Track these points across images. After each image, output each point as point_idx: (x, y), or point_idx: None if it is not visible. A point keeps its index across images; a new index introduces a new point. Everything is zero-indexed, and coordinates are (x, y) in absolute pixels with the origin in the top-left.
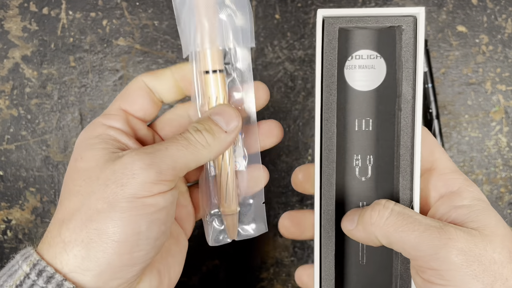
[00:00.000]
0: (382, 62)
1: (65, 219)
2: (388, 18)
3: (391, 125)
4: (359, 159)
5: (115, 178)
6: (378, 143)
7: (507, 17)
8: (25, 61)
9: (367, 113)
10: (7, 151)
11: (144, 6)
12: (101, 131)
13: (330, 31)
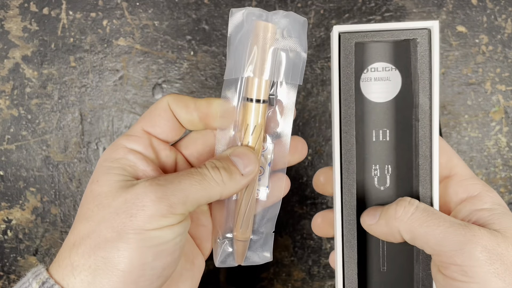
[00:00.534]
0: (397, 74)
1: (75, 242)
2: (402, 32)
3: (409, 135)
4: (378, 169)
5: (125, 207)
6: (396, 153)
7: (506, 17)
8: (25, 61)
9: (384, 124)
10: (7, 151)
11: (145, 6)
12: (121, 154)
13: (347, 46)
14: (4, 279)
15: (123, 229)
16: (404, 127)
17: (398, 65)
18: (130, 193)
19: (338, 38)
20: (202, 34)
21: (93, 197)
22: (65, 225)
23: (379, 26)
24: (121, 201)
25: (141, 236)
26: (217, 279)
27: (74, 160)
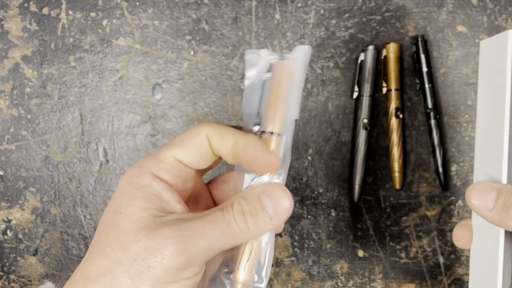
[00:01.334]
0: None
1: (90, 278)
2: None
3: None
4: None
5: (144, 255)
6: None
7: (507, 17)
8: (25, 61)
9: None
10: (7, 151)
11: (144, 6)
12: (146, 181)
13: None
14: (4, 279)
15: (139, 278)
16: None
17: None
18: (151, 239)
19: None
20: (202, 34)
21: (115, 230)
22: (65, 225)
23: None
24: (141, 247)
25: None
26: None
27: (74, 160)
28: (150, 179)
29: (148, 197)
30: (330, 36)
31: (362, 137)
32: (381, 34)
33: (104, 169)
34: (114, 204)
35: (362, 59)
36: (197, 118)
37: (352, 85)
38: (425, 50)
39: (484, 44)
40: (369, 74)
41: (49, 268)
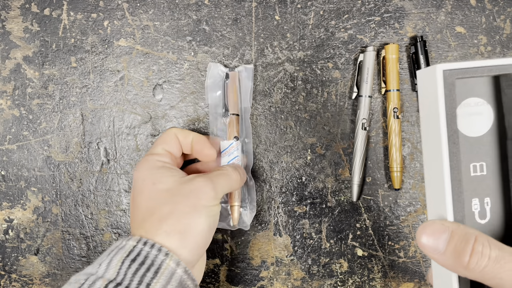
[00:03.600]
0: (489, 108)
1: (162, 218)
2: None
3: (505, 167)
4: (477, 203)
5: (194, 194)
6: (494, 186)
7: (505, 18)
8: (26, 62)
9: (480, 157)
10: (8, 151)
11: (145, 7)
12: (160, 165)
13: (448, 83)
14: (5, 278)
15: (196, 206)
16: (500, 160)
17: (489, 100)
18: (194, 184)
19: (442, 76)
20: (202, 35)
21: (162, 192)
22: (66, 225)
23: (481, 63)
24: (188, 190)
25: (207, 210)
26: (218, 278)
27: (75, 160)
28: (162, 163)
29: (170, 170)
30: (330, 37)
31: (361, 137)
32: (380, 35)
33: (105, 169)
34: (149, 181)
35: (361, 59)
36: (197, 118)
37: (351, 85)
38: (424, 50)
39: (420, 75)
40: (368, 74)
41: (50, 268)
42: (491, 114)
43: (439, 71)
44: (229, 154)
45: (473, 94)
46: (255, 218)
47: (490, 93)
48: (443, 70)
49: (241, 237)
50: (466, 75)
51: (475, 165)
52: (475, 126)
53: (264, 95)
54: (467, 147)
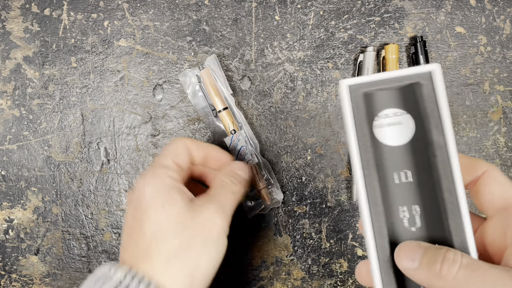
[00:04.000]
0: (408, 117)
1: (170, 256)
2: (406, 77)
3: (430, 173)
4: (405, 210)
5: (205, 227)
6: (421, 192)
7: (505, 18)
8: (27, 62)
9: (404, 165)
10: (9, 151)
11: (145, 8)
12: (171, 183)
13: (355, 96)
14: (5, 278)
15: (207, 241)
16: (425, 166)
17: (408, 109)
18: (205, 214)
19: (348, 91)
20: (202, 35)
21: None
22: (66, 225)
23: (385, 75)
24: (199, 222)
25: (218, 243)
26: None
27: (76, 160)
28: (170, 180)
29: (179, 190)
30: (330, 37)
31: None
32: (380, 35)
33: (105, 169)
34: (156, 201)
35: (361, 60)
36: (197, 118)
37: None
38: (423, 51)
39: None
40: (368, 75)
41: (50, 268)
42: (411, 123)
43: (345, 87)
44: (235, 147)
45: (391, 105)
46: (255, 218)
47: (407, 103)
48: (349, 86)
49: (241, 237)
50: (373, 88)
51: (400, 173)
52: (396, 135)
53: (264, 95)
54: (390, 157)
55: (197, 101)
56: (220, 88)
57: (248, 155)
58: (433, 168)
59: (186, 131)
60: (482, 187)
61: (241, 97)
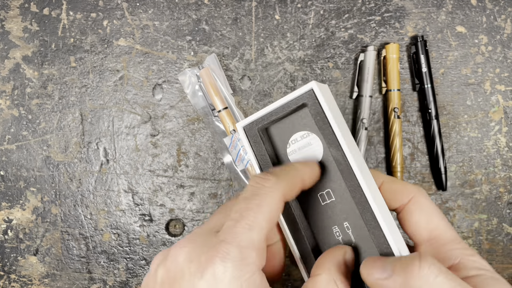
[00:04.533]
0: (315, 137)
1: None
2: (292, 101)
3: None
4: (338, 230)
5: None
6: (345, 209)
7: (506, 17)
8: (26, 62)
9: (324, 185)
10: (8, 151)
11: (145, 7)
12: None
13: (252, 134)
14: (4, 278)
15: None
16: (341, 181)
17: (311, 129)
18: None
19: (244, 133)
20: (202, 35)
21: None
22: (66, 225)
23: (269, 108)
24: None
25: None
26: None
27: (75, 160)
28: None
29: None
30: (330, 36)
31: (361, 137)
32: (380, 35)
33: (104, 169)
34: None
35: (362, 59)
36: (197, 118)
37: (351, 85)
38: (424, 50)
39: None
40: (369, 74)
41: (49, 268)
42: (319, 142)
43: (240, 129)
44: (234, 147)
45: (297, 129)
46: None
47: (310, 123)
48: (243, 127)
49: None
50: (266, 122)
51: (323, 194)
52: (309, 157)
53: (264, 95)
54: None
55: (196, 101)
56: (220, 87)
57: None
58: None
59: (185, 131)
60: (407, 216)
61: (241, 97)
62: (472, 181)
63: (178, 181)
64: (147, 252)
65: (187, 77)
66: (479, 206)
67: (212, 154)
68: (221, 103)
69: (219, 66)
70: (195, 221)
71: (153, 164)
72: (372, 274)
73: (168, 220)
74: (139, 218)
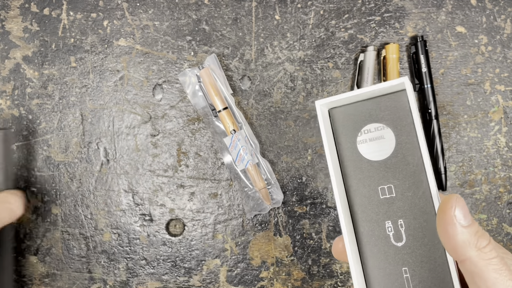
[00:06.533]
0: (389, 131)
1: None
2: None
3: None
4: (391, 225)
5: None
6: (405, 207)
7: (506, 17)
8: (26, 62)
9: (387, 180)
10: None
11: (145, 7)
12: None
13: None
14: None
15: None
16: (407, 180)
17: (388, 123)
18: None
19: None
20: (202, 35)
21: None
22: (66, 225)
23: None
24: None
25: None
26: (218, 279)
27: (75, 160)
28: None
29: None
30: (330, 36)
31: None
32: (380, 35)
33: (105, 169)
34: None
35: (362, 59)
36: (197, 118)
37: (351, 85)
38: (424, 50)
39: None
40: (369, 74)
41: (50, 268)
42: (392, 137)
43: (324, 109)
44: (234, 147)
45: (373, 120)
46: (255, 218)
47: (388, 117)
48: (328, 108)
49: (241, 237)
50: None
51: (383, 187)
52: (378, 150)
53: (264, 95)
54: (373, 171)
55: (197, 101)
56: (220, 87)
57: (248, 155)
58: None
59: (185, 131)
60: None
61: (241, 97)
62: (472, 181)
63: (178, 181)
64: (147, 252)
65: (187, 77)
66: (479, 206)
67: (212, 154)
68: (221, 103)
69: (219, 66)
70: (195, 221)
71: (153, 164)
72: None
73: (168, 220)
74: (139, 218)
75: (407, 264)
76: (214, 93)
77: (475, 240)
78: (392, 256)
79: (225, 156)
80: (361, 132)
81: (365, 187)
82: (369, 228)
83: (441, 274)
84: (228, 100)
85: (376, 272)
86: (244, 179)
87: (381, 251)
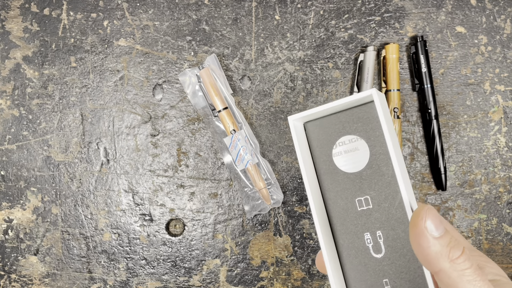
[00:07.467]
0: (363, 143)
1: None
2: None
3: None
4: (370, 237)
5: None
6: (382, 219)
7: (506, 17)
8: (26, 62)
9: (364, 191)
10: (8, 151)
11: (145, 7)
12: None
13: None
14: (5, 278)
15: None
16: (383, 191)
17: (361, 135)
18: None
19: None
20: (202, 35)
21: None
22: (66, 225)
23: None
24: None
25: None
26: (218, 278)
27: (75, 160)
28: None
29: None
30: (330, 36)
31: None
32: (380, 35)
33: (105, 169)
34: None
35: (362, 59)
36: (197, 118)
37: (351, 85)
38: (424, 50)
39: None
40: (369, 74)
41: (50, 268)
42: (366, 149)
43: (298, 124)
44: (234, 147)
45: (347, 132)
46: (255, 218)
47: (361, 129)
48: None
49: (241, 237)
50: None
51: (360, 199)
52: (354, 162)
53: (264, 95)
54: (349, 183)
55: (197, 101)
56: (220, 87)
57: (248, 155)
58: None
59: (186, 131)
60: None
61: (241, 97)
62: (472, 181)
63: (178, 181)
64: (147, 252)
65: (187, 77)
66: (479, 206)
67: (212, 154)
68: (221, 103)
69: (219, 66)
70: (195, 221)
71: (153, 164)
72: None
73: (168, 220)
74: (139, 218)
75: (387, 275)
76: (214, 93)
77: (448, 251)
78: (373, 268)
79: (225, 156)
80: (336, 144)
81: (343, 199)
82: (349, 241)
83: (420, 285)
84: (228, 100)
85: (358, 284)
86: (244, 179)
87: (362, 263)
